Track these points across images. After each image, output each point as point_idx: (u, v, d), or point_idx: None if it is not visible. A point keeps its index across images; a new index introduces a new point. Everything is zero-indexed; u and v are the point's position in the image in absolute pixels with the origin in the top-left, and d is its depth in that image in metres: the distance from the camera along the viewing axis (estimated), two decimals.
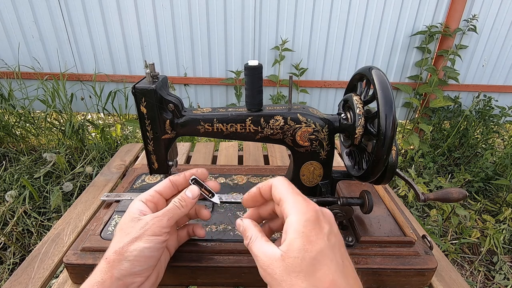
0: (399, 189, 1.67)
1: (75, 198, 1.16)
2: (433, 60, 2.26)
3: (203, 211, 0.43)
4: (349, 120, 0.46)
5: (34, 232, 1.33)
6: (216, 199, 0.42)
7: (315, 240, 0.28)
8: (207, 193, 0.42)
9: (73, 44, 2.12)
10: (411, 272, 0.46)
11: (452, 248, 1.42)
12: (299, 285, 0.27)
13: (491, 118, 2.25)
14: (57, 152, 1.75)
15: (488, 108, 2.28)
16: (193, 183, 0.41)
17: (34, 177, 1.60)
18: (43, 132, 1.99)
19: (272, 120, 0.46)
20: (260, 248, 0.31)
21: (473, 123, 2.24)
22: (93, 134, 2.05)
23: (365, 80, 0.47)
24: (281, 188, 0.33)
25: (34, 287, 0.45)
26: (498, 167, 1.94)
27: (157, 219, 0.36)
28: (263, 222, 0.40)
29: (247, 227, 0.35)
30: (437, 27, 2.12)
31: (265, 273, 0.30)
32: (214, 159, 0.89)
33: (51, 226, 1.35)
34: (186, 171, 0.42)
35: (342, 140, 0.55)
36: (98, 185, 0.71)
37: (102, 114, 2.35)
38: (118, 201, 0.57)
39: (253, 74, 0.43)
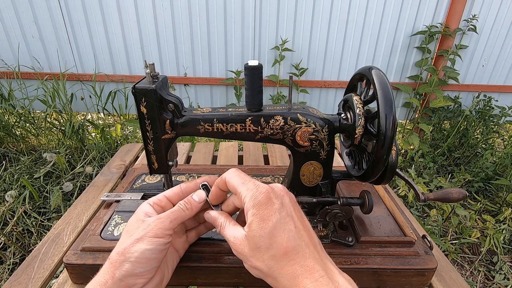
0: (399, 189, 1.67)
1: (75, 198, 1.16)
2: (433, 60, 2.26)
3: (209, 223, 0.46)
4: (349, 120, 0.46)
5: (34, 232, 1.33)
6: (219, 208, 0.42)
7: (267, 217, 0.33)
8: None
9: (73, 44, 2.12)
10: (411, 272, 0.46)
11: (452, 248, 1.42)
12: (262, 257, 0.33)
13: (491, 118, 2.25)
14: (57, 152, 1.75)
15: (488, 108, 2.28)
16: (203, 189, 0.42)
17: (34, 177, 1.60)
18: (43, 132, 1.99)
19: (272, 120, 0.46)
20: (230, 232, 0.36)
21: (473, 123, 2.24)
22: (93, 134, 2.05)
23: (365, 80, 0.47)
24: (233, 180, 0.36)
25: (34, 287, 0.45)
26: (498, 167, 1.94)
27: (160, 220, 0.36)
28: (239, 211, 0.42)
29: (215, 216, 0.39)
30: (437, 27, 2.12)
31: (236, 252, 0.35)
32: (214, 159, 0.89)
33: (51, 226, 1.35)
34: (199, 178, 0.43)
35: (342, 140, 0.55)
36: (98, 185, 0.71)
37: (102, 114, 2.35)
38: (118, 201, 0.57)
39: (253, 74, 0.43)
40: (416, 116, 2.42)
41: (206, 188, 0.42)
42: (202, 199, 0.40)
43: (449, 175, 2.01)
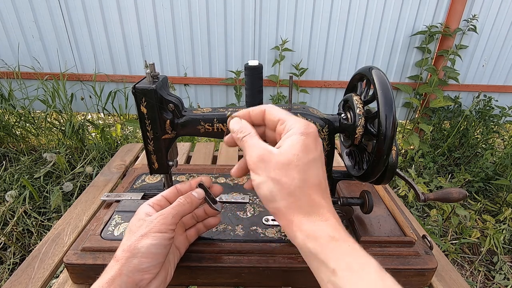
0: (399, 189, 1.67)
1: (75, 198, 1.16)
2: (433, 60, 2.26)
3: (211, 219, 0.46)
4: (349, 120, 0.46)
5: (34, 232, 1.33)
6: (218, 206, 0.44)
7: (313, 149, 0.32)
8: (211, 201, 0.44)
9: (73, 44, 2.12)
10: (411, 272, 0.46)
11: (452, 248, 1.42)
12: (293, 176, 0.31)
13: (491, 118, 2.25)
14: (57, 152, 1.75)
15: (488, 108, 2.28)
16: (200, 187, 0.43)
17: (34, 177, 1.60)
18: (43, 132, 1.99)
19: None
20: (257, 141, 0.34)
21: (473, 123, 2.24)
22: (93, 134, 2.05)
23: (365, 80, 0.47)
24: (278, 111, 0.35)
25: (34, 287, 0.45)
26: (498, 167, 1.94)
27: (162, 216, 0.37)
28: None
29: (246, 124, 0.36)
30: (437, 27, 2.12)
31: (259, 159, 0.32)
32: (214, 159, 0.89)
33: (51, 226, 1.35)
34: (192, 179, 0.44)
35: (342, 140, 0.55)
36: (98, 185, 0.71)
37: (102, 114, 2.35)
38: (118, 201, 0.57)
39: (253, 74, 0.43)
40: (416, 116, 2.42)
41: (202, 187, 0.43)
42: (201, 195, 0.41)
43: (449, 175, 2.01)
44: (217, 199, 0.59)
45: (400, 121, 2.50)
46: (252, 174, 0.33)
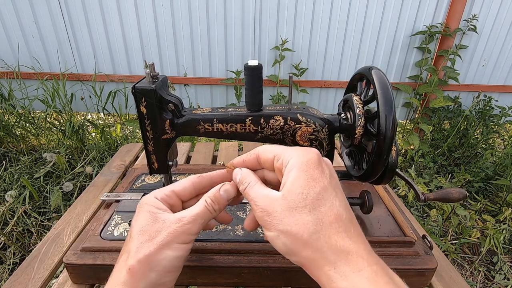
0: (399, 189, 1.67)
1: (75, 198, 1.16)
2: (433, 60, 2.26)
3: (224, 215, 0.38)
4: (349, 120, 0.46)
5: (34, 232, 1.33)
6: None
7: (319, 178, 0.28)
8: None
9: (73, 44, 2.12)
10: (411, 272, 0.46)
11: (452, 248, 1.42)
12: (304, 219, 0.27)
13: (491, 118, 2.25)
14: (57, 152, 1.75)
15: (488, 108, 2.28)
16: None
17: (34, 177, 1.60)
18: (43, 132, 1.99)
19: (272, 120, 0.46)
20: (259, 191, 0.30)
21: (473, 123, 2.24)
22: (93, 134, 2.05)
23: (365, 80, 0.47)
24: (271, 148, 0.32)
25: (34, 287, 0.45)
26: (498, 167, 1.94)
27: (187, 227, 0.31)
28: None
29: (246, 174, 0.32)
30: (437, 27, 2.12)
31: (263, 212, 0.28)
32: (214, 159, 0.89)
33: (51, 226, 1.35)
34: (213, 172, 0.36)
35: (342, 140, 0.55)
36: (98, 185, 0.71)
37: (102, 114, 2.35)
38: (118, 201, 0.57)
39: (253, 74, 0.43)
40: (416, 116, 2.42)
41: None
42: (231, 195, 0.34)
43: (449, 175, 2.01)
44: None
45: (400, 121, 2.50)
46: (264, 229, 0.29)
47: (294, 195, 0.27)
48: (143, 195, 0.58)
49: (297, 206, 0.27)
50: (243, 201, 0.57)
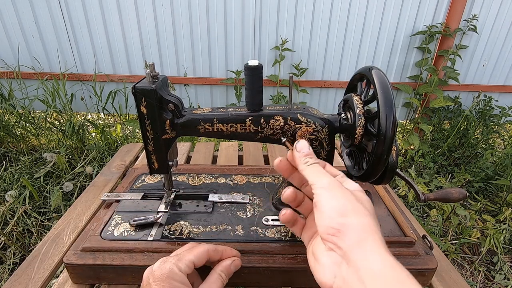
0: (399, 189, 1.67)
1: (75, 198, 1.16)
2: (433, 60, 2.26)
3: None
4: (349, 120, 0.46)
5: (34, 232, 1.33)
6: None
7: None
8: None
9: (73, 44, 2.12)
10: (411, 272, 0.46)
11: (452, 248, 1.42)
12: (365, 201, 0.34)
13: (491, 118, 2.25)
14: (57, 152, 1.75)
15: (488, 108, 2.28)
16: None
17: (34, 177, 1.60)
18: (43, 132, 1.99)
19: (272, 120, 0.46)
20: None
21: (473, 123, 2.24)
22: (93, 134, 2.05)
23: (365, 80, 0.47)
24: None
25: (34, 287, 0.45)
26: (498, 167, 1.94)
27: None
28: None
29: (313, 152, 0.39)
30: (437, 27, 2.12)
31: (328, 183, 0.34)
32: (214, 159, 0.89)
33: (51, 226, 1.35)
34: (225, 248, 0.42)
35: (342, 140, 0.55)
36: (98, 185, 0.71)
37: (102, 114, 2.35)
38: (118, 201, 0.57)
39: (253, 74, 0.43)
40: (416, 116, 2.42)
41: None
42: (237, 268, 0.43)
43: (449, 175, 2.01)
44: (217, 199, 0.59)
45: (400, 121, 2.50)
46: (321, 190, 0.34)
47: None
48: (143, 195, 0.58)
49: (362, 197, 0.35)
50: (243, 201, 0.58)
